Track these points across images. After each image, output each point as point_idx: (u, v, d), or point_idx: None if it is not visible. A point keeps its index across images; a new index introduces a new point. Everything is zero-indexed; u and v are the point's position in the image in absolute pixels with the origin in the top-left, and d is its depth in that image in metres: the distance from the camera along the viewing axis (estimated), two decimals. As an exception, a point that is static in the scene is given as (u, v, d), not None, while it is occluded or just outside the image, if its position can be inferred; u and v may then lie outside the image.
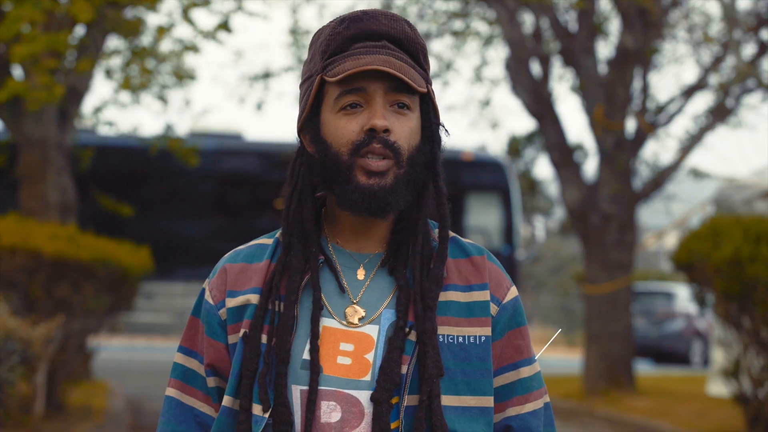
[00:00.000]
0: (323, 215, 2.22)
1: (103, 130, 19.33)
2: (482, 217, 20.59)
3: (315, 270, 2.14)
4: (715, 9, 24.42)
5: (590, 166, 29.80)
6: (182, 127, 18.47)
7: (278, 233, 2.22)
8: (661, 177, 15.27)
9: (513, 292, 2.22)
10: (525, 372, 2.20)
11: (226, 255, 2.25)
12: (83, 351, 12.67)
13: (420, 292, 2.12)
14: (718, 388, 13.23)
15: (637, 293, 21.32)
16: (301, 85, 2.20)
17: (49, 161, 13.06)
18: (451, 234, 2.22)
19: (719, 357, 12.12)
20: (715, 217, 11.11)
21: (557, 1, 15.19)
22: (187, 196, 20.38)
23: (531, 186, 28.40)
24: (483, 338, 2.15)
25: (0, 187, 18.48)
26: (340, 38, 2.14)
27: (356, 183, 2.10)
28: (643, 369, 20.08)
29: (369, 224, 2.17)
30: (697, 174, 16.03)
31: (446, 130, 2.20)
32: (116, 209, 15.55)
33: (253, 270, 2.18)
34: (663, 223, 21.19)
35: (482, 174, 20.86)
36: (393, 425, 2.08)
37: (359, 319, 2.13)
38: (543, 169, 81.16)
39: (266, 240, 2.23)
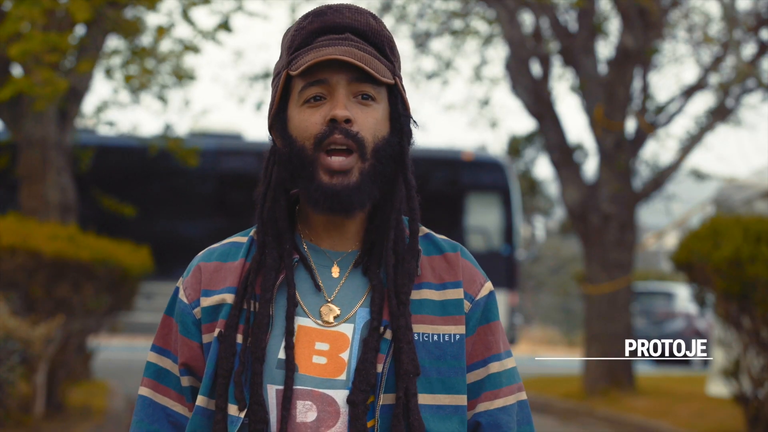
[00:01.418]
0: (297, 213, 2.20)
1: (103, 130, 19.33)
2: (482, 217, 20.57)
3: (290, 268, 2.12)
4: (715, 9, 24.42)
5: (590, 166, 29.79)
6: (182, 127, 18.49)
7: (252, 231, 2.21)
8: (661, 177, 15.26)
9: (487, 287, 2.21)
10: (494, 368, 2.18)
11: (200, 254, 2.23)
12: (83, 351, 12.68)
13: (394, 288, 2.11)
14: (718, 388, 13.23)
15: (637, 293, 21.31)
16: (272, 83, 2.20)
17: (49, 161, 13.06)
18: (426, 230, 2.21)
19: (719, 357, 12.12)
20: (715, 217, 11.10)
21: (557, 1, 15.19)
22: (187, 196, 20.38)
23: (531, 186, 28.36)
24: (458, 337, 2.14)
25: (0, 187, 18.48)
26: (304, 33, 2.14)
27: (318, 182, 2.09)
28: (643, 369, 20.08)
29: (341, 221, 2.15)
30: (697, 175, 16.02)
31: (415, 123, 2.18)
32: (118, 209, 15.55)
33: (227, 269, 2.17)
34: (663, 223, 21.18)
35: (482, 174, 20.84)
36: (368, 424, 2.07)
37: (334, 318, 2.12)
38: (543, 169, 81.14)
39: (240, 238, 2.22)
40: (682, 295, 24.08)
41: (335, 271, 2.15)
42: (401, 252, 2.14)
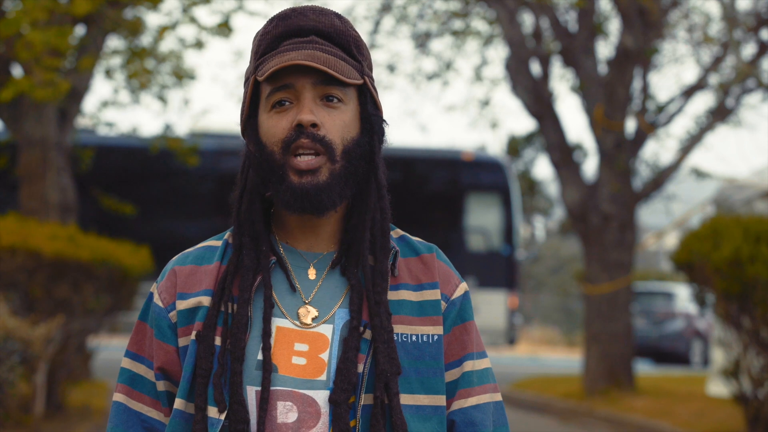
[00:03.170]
0: (272, 215, 2.21)
1: (103, 130, 19.34)
2: (482, 217, 20.58)
3: (267, 270, 2.13)
4: (715, 9, 24.42)
5: (590, 166, 29.82)
6: (182, 127, 18.49)
7: (227, 235, 2.22)
8: (661, 177, 15.26)
9: (462, 288, 2.22)
10: (467, 366, 2.19)
11: (174, 258, 2.24)
12: (83, 351, 12.68)
13: (372, 288, 2.12)
14: (718, 388, 13.23)
15: (637, 293, 21.32)
16: (244, 87, 2.22)
17: (49, 161, 13.06)
18: (401, 232, 2.23)
19: (719, 357, 12.12)
20: (715, 217, 11.10)
21: (557, 1, 15.19)
22: (187, 196, 20.38)
23: (531, 186, 28.38)
24: (436, 337, 2.15)
25: (0, 187, 18.48)
26: (270, 37, 2.16)
27: (288, 182, 2.10)
28: (643, 369, 20.08)
29: (315, 222, 2.17)
30: (697, 174, 16.02)
31: (385, 122, 2.19)
32: (118, 209, 15.56)
33: (203, 272, 2.18)
34: (663, 223, 21.18)
35: (482, 174, 20.85)
36: (350, 424, 2.08)
37: (312, 319, 2.13)
38: (543, 169, 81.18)
39: (215, 242, 2.23)
40: (682, 295, 24.08)
41: (312, 273, 2.16)
42: (378, 252, 2.15)
